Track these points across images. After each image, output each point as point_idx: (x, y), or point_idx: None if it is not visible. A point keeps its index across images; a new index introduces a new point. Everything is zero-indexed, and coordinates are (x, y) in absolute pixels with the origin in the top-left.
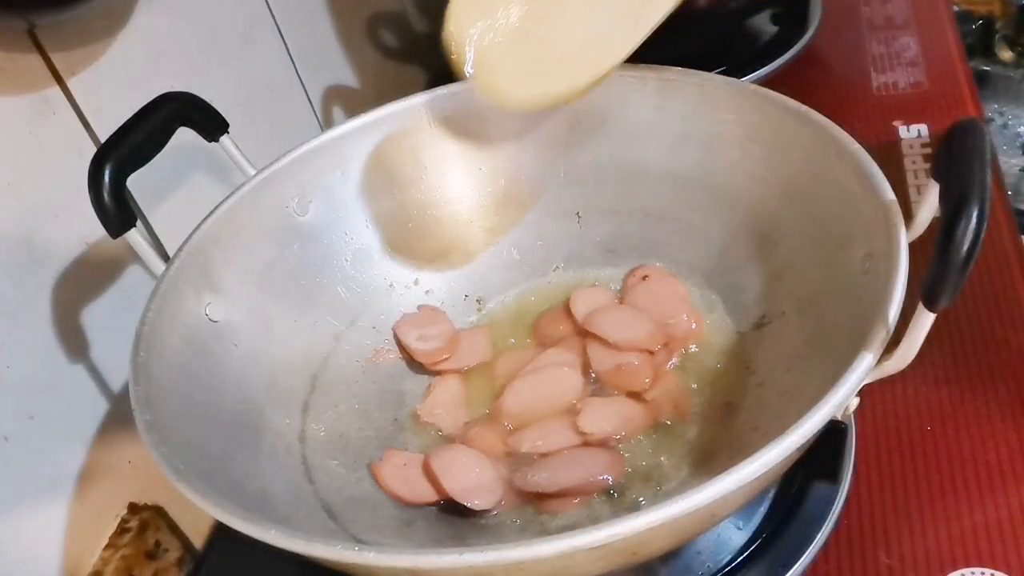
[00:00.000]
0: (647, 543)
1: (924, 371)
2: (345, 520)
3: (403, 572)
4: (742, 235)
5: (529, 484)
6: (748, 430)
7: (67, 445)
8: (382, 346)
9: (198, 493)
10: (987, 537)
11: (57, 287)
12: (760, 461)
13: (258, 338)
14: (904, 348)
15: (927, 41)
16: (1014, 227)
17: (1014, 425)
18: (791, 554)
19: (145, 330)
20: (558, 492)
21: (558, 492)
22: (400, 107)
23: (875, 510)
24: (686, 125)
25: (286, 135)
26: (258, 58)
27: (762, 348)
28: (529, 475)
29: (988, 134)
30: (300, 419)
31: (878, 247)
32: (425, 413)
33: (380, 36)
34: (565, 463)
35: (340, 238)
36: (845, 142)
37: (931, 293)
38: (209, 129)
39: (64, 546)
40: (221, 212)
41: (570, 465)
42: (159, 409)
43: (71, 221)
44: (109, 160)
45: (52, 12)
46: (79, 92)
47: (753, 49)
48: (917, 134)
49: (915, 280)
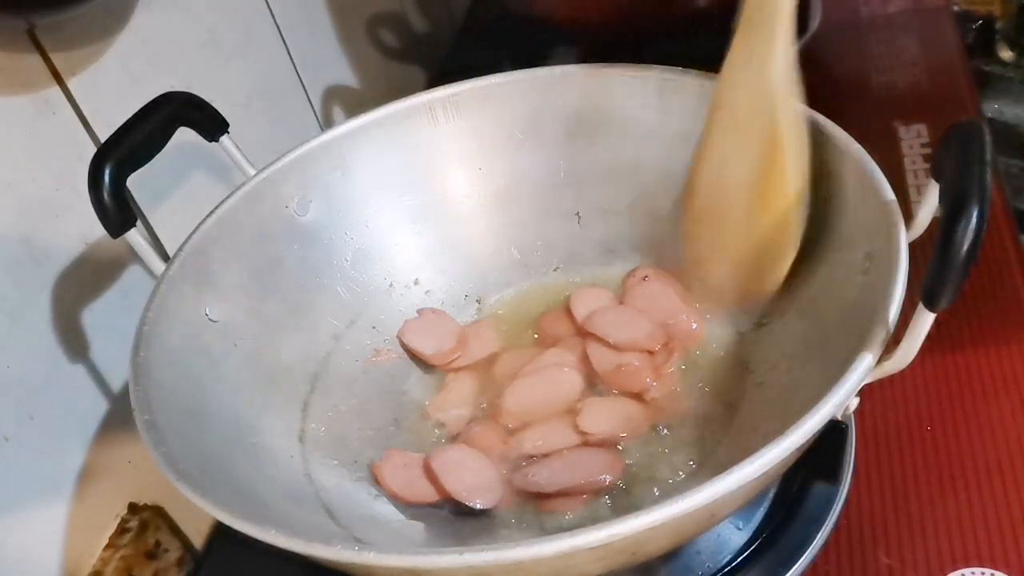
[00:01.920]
0: (647, 543)
1: (924, 371)
2: (345, 520)
3: (403, 572)
4: None
5: (530, 484)
6: (748, 430)
7: (67, 445)
8: (382, 346)
9: (198, 493)
10: (987, 537)
11: (57, 287)
12: (760, 461)
13: (258, 338)
14: (904, 348)
15: (927, 41)
16: (1014, 227)
17: (1014, 425)
18: (791, 554)
19: (145, 330)
20: (558, 492)
21: (558, 492)
22: (400, 107)
23: (875, 510)
24: (686, 125)
25: (286, 135)
26: (258, 58)
27: (762, 348)
28: (530, 475)
29: (988, 134)
30: (300, 419)
31: (878, 247)
32: (435, 409)
33: (380, 36)
34: (565, 463)
35: (340, 238)
36: (845, 142)
37: (931, 293)
38: (209, 129)
39: (64, 546)
40: (221, 212)
41: (570, 465)
42: (159, 409)
43: (71, 221)
44: (109, 160)
45: (52, 12)
46: (79, 92)
47: None
48: (917, 134)
49: (915, 280)
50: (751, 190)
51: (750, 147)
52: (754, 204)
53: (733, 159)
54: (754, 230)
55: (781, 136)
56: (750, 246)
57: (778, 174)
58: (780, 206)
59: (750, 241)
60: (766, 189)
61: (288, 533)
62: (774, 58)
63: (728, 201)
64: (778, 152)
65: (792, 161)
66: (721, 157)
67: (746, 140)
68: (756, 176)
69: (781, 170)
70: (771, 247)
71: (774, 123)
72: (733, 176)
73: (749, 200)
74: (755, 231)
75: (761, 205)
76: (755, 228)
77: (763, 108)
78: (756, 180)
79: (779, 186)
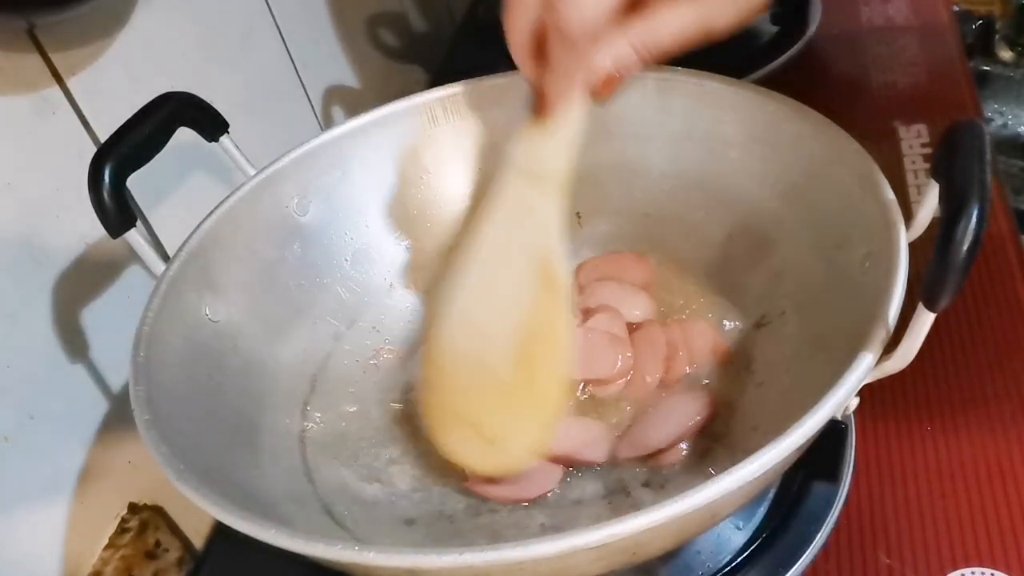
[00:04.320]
0: (647, 543)
1: (924, 371)
2: (345, 520)
3: (403, 572)
4: (742, 235)
5: (639, 448)
6: (748, 430)
7: (67, 445)
8: (382, 346)
9: (198, 493)
10: (987, 537)
11: (57, 287)
12: (760, 461)
13: (258, 338)
14: (904, 348)
15: (927, 41)
16: (1014, 227)
17: (1014, 425)
18: (791, 554)
19: (145, 330)
20: (668, 445)
21: (668, 445)
22: (400, 107)
23: (875, 510)
24: (686, 125)
25: (286, 135)
26: (258, 58)
27: (762, 348)
28: (637, 437)
29: (988, 134)
30: (300, 419)
31: (878, 247)
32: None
33: (380, 36)
34: (662, 416)
35: (340, 238)
36: (845, 142)
37: (931, 293)
38: (209, 129)
39: (64, 546)
40: (221, 212)
41: (667, 416)
42: (159, 409)
43: (71, 221)
44: (109, 160)
45: (52, 12)
46: (79, 92)
47: (753, 49)
48: (917, 134)
49: (915, 280)
50: (514, 339)
51: (515, 299)
52: (522, 352)
53: (492, 313)
54: (519, 379)
55: (557, 287)
56: (516, 394)
57: (554, 316)
58: (554, 349)
59: (516, 389)
60: (538, 333)
61: (288, 533)
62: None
63: (488, 355)
64: (555, 300)
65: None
66: (475, 311)
67: (510, 292)
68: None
69: (557, 313)
70: (544, 385)
71: (549, 275)
72: (493, 328)
73: (512, 350)
74: (520, 380)
75: (531, 351)
76: (521, 376)
77: (533, 259)
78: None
79: (555, 329)
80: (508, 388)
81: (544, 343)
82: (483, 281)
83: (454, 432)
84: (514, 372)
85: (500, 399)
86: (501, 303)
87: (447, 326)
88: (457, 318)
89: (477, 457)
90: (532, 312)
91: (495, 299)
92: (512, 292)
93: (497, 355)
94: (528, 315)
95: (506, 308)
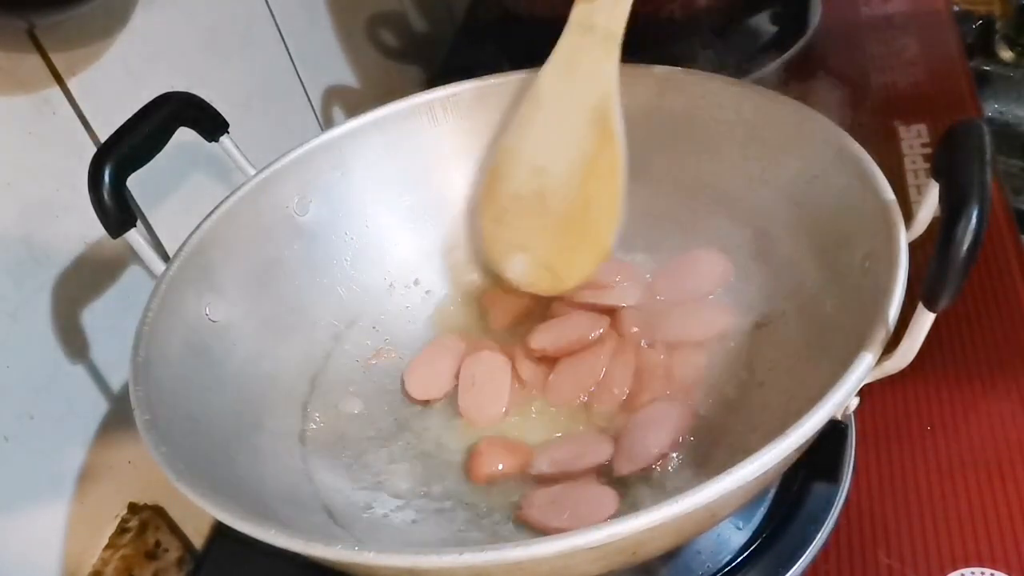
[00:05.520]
0: (647, 543)
1: (924, 371)
2: (345, 520)
3: (403, 572)
4: (742, 235)
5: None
6: (748, 430)
7: (67, 445)
8: (382, 346)
9: (198, 493)
10: (987, 537)
11: (57, 287)
12: (760, 461)
13: (258, 338)
14: (904, 348)
15: (927, 41)
16: (1014, 227)
17: (1014, 425)
18: (791, 554)
19: (145, 330)
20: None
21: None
22: (400, 107)
23: (875, 510)
24: (686, 125)
25: (286, 135)
26: (258, 58)
27: (762, 348)
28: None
29: (988, 134)
30: (300, 419)
31: (878, 247)
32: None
33: (380, 36)
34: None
35: (340, 238)
36: (845, 142)
37: (931, 293)
38: (209, 129)
39: (64, 546)
40: (221, 212)
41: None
42: (159, 409)
43: (71, 221)
44: (109, 160)
45: (52, 12)
46: (79, 92)
47: (753, 49)
48: (917, 134)
49: (915, 280)
50: (573, 178)
51: (574, 141)
52: (578, 189)
53: (552, 153)
54: (575, 213)
55: (614, 132)
56: (572, 226)
57: (610, 158)
58: (610, 188)
59: (572, 222)
60: (594, 172)
61: (288, 533)
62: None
63: (547, 191)
64: (611, 144)
65: (621, 147)
66: (536, 152)
67: (570, 135)
68: (581, 164)
69: (613, 155)
70: (598, 219)
71: (607, 120)
72: (553, 167)
73: (570, 187)
74: (576, 214)
75: (587, 189)
76: (576, 210)
77: (592, 107)
78: (582, 168)
79: (611, 169)
80: (564, 221)
81: (598, 181)
82: (544, 124)
83: (514, 260)
84: (570, 207)
85: (557, 231)
86: (560, 144)
87: (509, 165)
88: (518, 158)
89: (534, 281)
90: (588, 153)
91: (554, 141)
92: (570, 135)
93: (555, 191)
94: (584, 156)
95: (564, 149)
